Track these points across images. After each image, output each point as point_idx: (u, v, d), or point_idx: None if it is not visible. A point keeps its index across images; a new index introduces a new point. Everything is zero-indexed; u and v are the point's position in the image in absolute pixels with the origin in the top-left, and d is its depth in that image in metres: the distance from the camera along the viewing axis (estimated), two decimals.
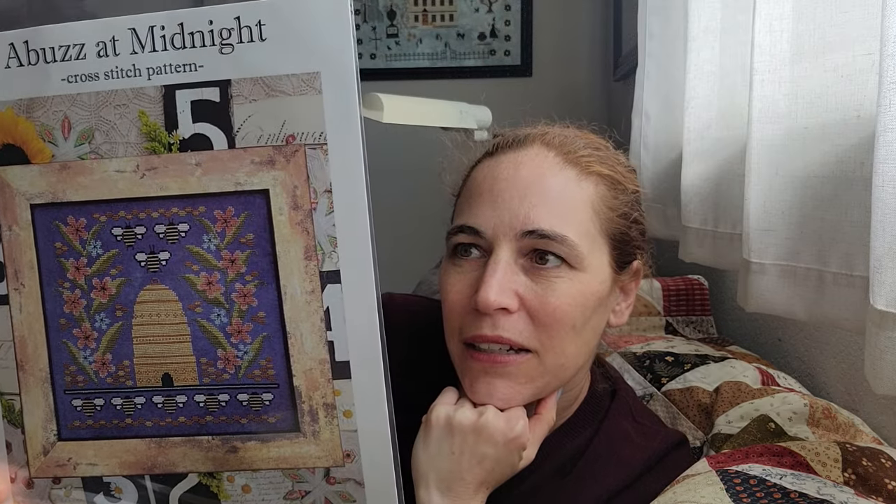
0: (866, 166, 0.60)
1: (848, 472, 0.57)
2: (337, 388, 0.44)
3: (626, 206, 0.64)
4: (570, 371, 0.63)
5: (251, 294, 0.44)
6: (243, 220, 0.44)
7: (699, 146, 1.01)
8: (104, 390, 0.46)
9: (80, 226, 0.45)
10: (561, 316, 0.58)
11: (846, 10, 0.65)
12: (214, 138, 0.43)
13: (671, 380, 0.87)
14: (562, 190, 0.59)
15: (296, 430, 0.45)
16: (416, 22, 2.55)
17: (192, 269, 0.44)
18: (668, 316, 1.12)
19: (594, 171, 0.62)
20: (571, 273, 0.59)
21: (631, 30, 1.58)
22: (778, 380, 0.83)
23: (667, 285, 1.15)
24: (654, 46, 1.27)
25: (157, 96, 0.43)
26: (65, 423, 0.47)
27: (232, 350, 0.45)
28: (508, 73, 2.55)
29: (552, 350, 0.59)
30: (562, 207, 0.59)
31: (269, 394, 0.45)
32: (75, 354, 0.46)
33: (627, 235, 0.64)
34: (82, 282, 0.45)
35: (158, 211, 0.44)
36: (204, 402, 0.45)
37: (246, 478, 0.46)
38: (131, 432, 0.46)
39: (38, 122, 0.45)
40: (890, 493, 0.55)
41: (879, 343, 0.54)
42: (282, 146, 0.42)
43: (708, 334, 1.13)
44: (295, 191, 0.43)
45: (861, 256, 0.61)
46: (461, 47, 2.55)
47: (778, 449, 0.61)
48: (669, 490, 0.60)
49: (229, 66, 0.42)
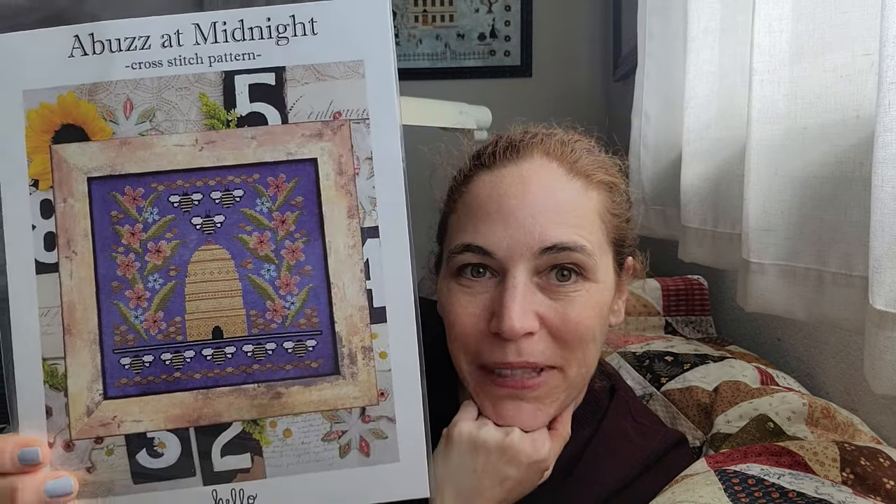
0: (865, 166, 0.60)
1: (846, 472, 0.57)
2: (374, 331, 0.50)
3: (623, 208, 0.65)
4: (587, 379, 0.63)
5: (299, 250, 0.50)
6: (294, 184, 0.50)
7: (699, 146, 1.01)
8: (154, 346, 0.50)
9: (138, 195, 0.50)
10: (583, 331, 0.58)
11: (845, 10, 0.65)
12: (269, 116, 0.50)
13: (670, 379, 0.87)
14: (573, 202, 0.59)
15: (336, 372, 0.50)
16: (416, 22, 2.55)
17: (245, 229, 0.50)
18: (668, 316, 1.12)
19: (598, 180, 0.62)
20: (588, 285, 0.58)
21: (631, 30, 1.58)
22: (777, 379, 0.83)
23: (666, 285, 1.15)
24: (654, 46, 1.27)
25: (218, 80, 0.50)
26: (111, 381, 0.50)
27: (280, 302, 0.50)
28: (508, 73, 2.55)
29: (575, 363, 0.59)
30: (576, 219, 0.58)
31: (312, 340, 0.50)
32: (126, 315, 0.50)
33: (625, 236, 0.65)
34: (137, 246, 0.50)
35: (215, 179, 0.50)
36: (252, 352, 0.50)
37: (287, 422, 0.50)
38: (179, 386, 0.50)
39: (101, 105, 0.50)
40: (888, 493, 0.55)
41: (879, 343, 0.54)
42: (329, 121, 0.50)
43: (707, 334, 1.13)
44: (340, 158, 0.50)
45: (860, 256, 0.62)
46: (461, 48, 2.55)
47: (776, 448, 0.61)
48: (668, 490, 0.60)
49: (284, 56, 0.50)
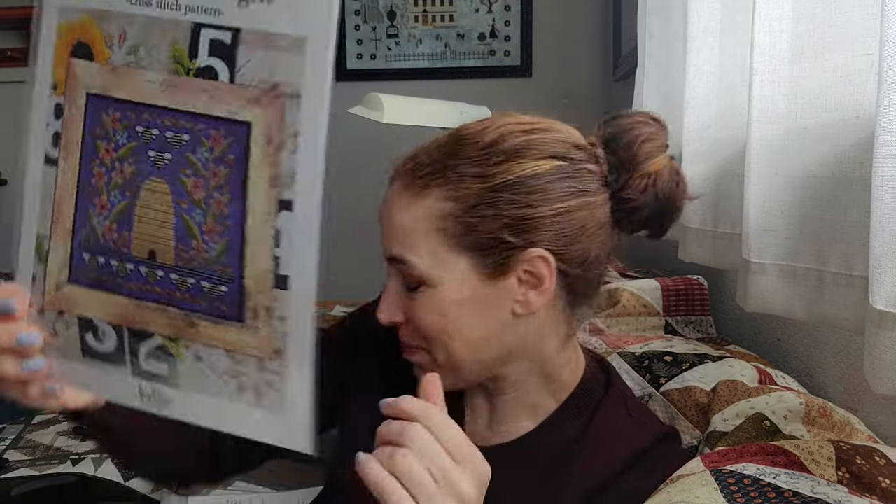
0: (865, 166, 0.60)
1: (842, 471, 0.57)
2: (275, 295, 0.53)
3: (480, 209, 0.64)
4: (471, 362, 0.68)
5: (224, 204, 0.54)
6: (229, 143, 0.54)
7: (699, 146, 1.01)
8: (106, 251, 0.58)
9: (115, 118, 0.57)
10: (428, 326, 0.67)
11: (845, 10, 0.65)
12: (221, 72, 0.54)
13: (669, 380, 0.87)
14: (401, 218, 0.67)
15: (241, 320, 0.55)
16: (416, 22, 2.55)
17: (185, 172, 0.55)
18: (668, 316, 1.12)
19: (431, 188, 0.66)
20: (429, 290, 0.66)
21: (631, 30, 1.58)
22: (776, 379, 0.83)
23: (666, 286, 1.15)
24: (654, 46, 1.27)
25: (188, 29, 0.55)
26: (75, 270, 0.60)
27: (202, 244, 0.55)
28: (508, 73, 2.55)
29: (439, 350, 0.68)
30: (402, 234, 0.67)
31: (224, 286, 0.55)
32: (91, 218, 0.59)
33: (493, 238, 0.65)
34: (108, 162, 0.58)
35: (171, 120, 0.55)
36: (176, 281, 0.56)
37: (198, 349, 0.57)
38: (120, 290, 0.58)
39: (104, 31, 0.58)
40: (884, 491, 0.55)
41: (879, 343, 0.54)
42: (267, 90, 0.52)
43: (707, 334, 1.13)
44: (270, 128, 0.52)
45: (860, 256, 0.62)
46: (461, 48, 2.55)
47: (772, 448, 0.61)
48: (664, 490, 0.60)
49: (242, 17, 0.53)
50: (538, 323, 0.68)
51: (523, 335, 0.68)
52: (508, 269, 0.65)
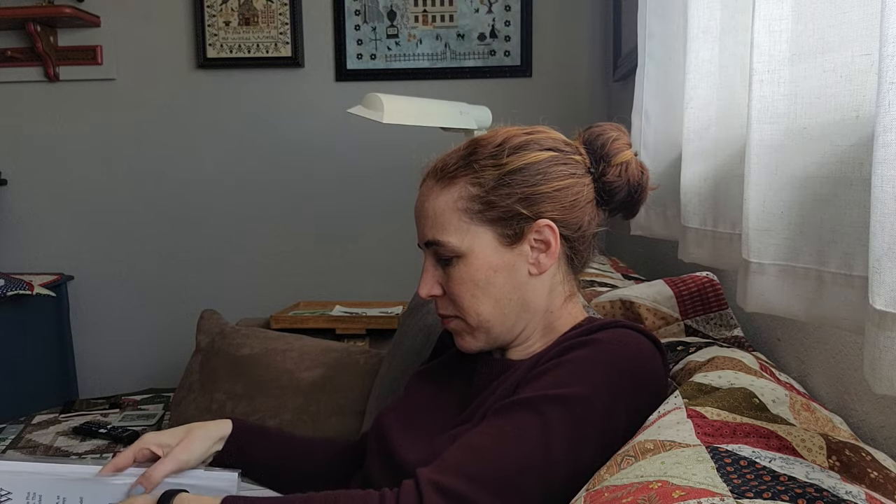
0: (865, 166, 0.60)
1: (832, 459, 0.59)
2: None
3: (498, 189, 0.83)
4: (498, 319, 0.86)
5: None
6: None
7: (699, 146, 1.01)
8: None
9: None
10: (460, 294, 0.85)
11: (845, 10, 0.65)
12: None
13: (675, 364, 0.89)
14: (434, 206, 0.86)
15: None
16: (416, 22, 2.55)
17: None
18: (686, 319, 1.09)
19: (458, 178, 0.85)
20: (461, 262, 0.85)
21: (631, 30, 1.58)
22: (778, 376, 0.83)
23: (678, 290, 1.12)
24: (654, 46, 1.27)
25: None
26: None
27: None
28: (508, 73, 2.55)
29: (471, 313, 0.86)
30: (435, 219, 0.86)
31: None
32: None
33: (509, 211, 0.84)
34: None
35: None
36: None
37: None
38: None
39: None
40: (872, 482, 0.56)
41: (878, 343, 0.54)
42: None
43: (730, 326, 1.08)
44: None
45: (860, 256, 0.62)
46: (461, 48, 2.55)
47: (765, 431, 0.62)
48: (657, 458, 0.60)
49: None
50: (546, 280, 0.87)
51: (537, 290, 0.87)
52: (523, 237, 0.85)
